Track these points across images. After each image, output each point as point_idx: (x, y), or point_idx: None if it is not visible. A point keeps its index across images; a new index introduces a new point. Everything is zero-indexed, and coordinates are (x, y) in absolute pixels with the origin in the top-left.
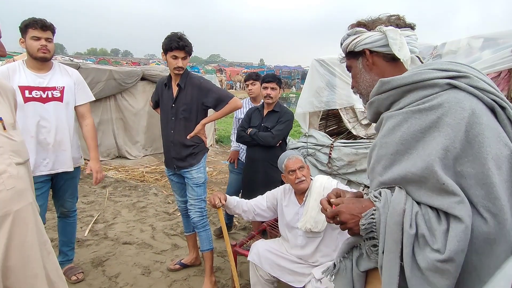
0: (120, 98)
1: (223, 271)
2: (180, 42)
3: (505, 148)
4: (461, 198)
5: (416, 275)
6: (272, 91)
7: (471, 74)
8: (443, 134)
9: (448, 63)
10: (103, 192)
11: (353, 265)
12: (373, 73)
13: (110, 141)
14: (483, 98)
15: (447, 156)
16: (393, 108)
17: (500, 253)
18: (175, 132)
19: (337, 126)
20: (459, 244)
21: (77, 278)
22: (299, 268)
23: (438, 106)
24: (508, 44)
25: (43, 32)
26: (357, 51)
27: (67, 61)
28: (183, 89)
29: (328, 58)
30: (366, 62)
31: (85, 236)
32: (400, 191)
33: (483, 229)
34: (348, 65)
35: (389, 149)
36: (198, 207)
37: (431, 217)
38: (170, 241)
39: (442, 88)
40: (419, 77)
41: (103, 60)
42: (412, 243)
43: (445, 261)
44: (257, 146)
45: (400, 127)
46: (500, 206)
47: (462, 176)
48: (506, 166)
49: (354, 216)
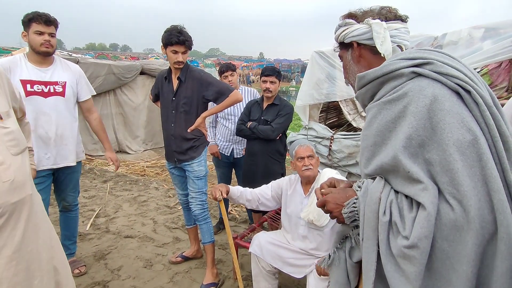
0: (119, 93)
1: (224, 263)
2: (181, 36)
3: (468, 133)
4: (425, 185)
5: (391, 261)
6: (272, 84)
7: (434, 60)
8: (407, 123)
9: (415, 51)
10: (104, 187)
11: (346, 256)
12: (361, 65)
13: (110, 136)
14: (447, 83)
15: (412, 144)
16: (374, 100)
17: (468, 240)
18: (176, 125)
19: (337, 118)
20: (422, 230)
21: (79, 271)
22: (301, 259)
23: (404, 95)
24: (509, 34)
25: (47, 27)
26: (346, 42)
27: (65, 56)
28: (184, 83)
29: (328, 50)
30: (354, 54)
31: (87, 230)
32: (379, 180)
33: (450, 216)
34: (340, 55)
35: (369, 141)
36: (199, 200)
37: (404, 205)
38: (171, 234)
39: (408, 77)
40: (387, 68)
41: (102, 55)
42: (386, 230)
43: (410, 247)
44: (257, 140)
45: (376, 118)
46: (463, 192)
47: (430, 163)
48: (470, 151)
49: (338, 206)
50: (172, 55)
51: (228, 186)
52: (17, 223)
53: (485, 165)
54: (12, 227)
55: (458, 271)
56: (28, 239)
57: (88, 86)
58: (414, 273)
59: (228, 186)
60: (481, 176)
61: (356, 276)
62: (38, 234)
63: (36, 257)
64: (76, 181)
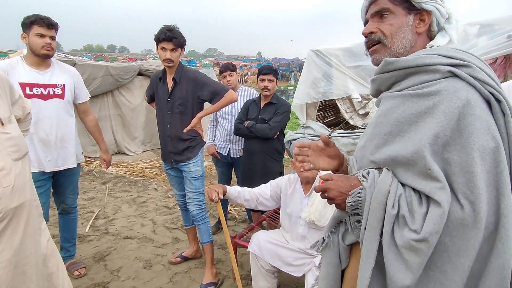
0: (117, 94)
1: (224, 262)
2: (168, 33)
3: (492, 140)
4: (443, 184)
5: (393, 251)
6: (270, 83)
7: (473, 64)
8: (436, 121)
9: (454, 50)
10: (103, 188)
11: (339, 239)
12: (418, 37)
13: (109, 138)
14: (481, 90)
15: (437, 143)
16: (393, 89)
17: (471, 237)
18: (171, 126)
19: (335, 117)
20: (435, 226)
21: (79, 273)
22: (300, 258)
23: (436, 92)
24: (504, 30)
25: (49, 30)
26: (420, 7)
27: (62, 58)
28: (178, 83)
29: (325, 49)
30: (420, 24)
31: (86, 232)
32: (387, 173)
33: (459, 214)
34: (389, 9)
35: (383, 129)
36: (197, 200)
37: (413, 200)
38: (170, 234)
39: (443, 75)
40: (423, 61)
41: (100, 57)
42: (392, 222)
43: (420, 240)
44: (254, 139)
45: (397, 109)
46: (477, 194)
47: (448, 163)
48: (490, 158)
49: (342, 194)
50: (161, 53)
51: (225, 186)
52: (16, 227)
53: (501, 172)
54: (12, 231)
55: (455, 263)
56: (27, 244)
57: (84, 89)
58: (417, 263)
59: (226, 186)
60: (494, 182)
61: (347, 257)
62: (35, 238)
63: (34, 262)
64: (75, 183)
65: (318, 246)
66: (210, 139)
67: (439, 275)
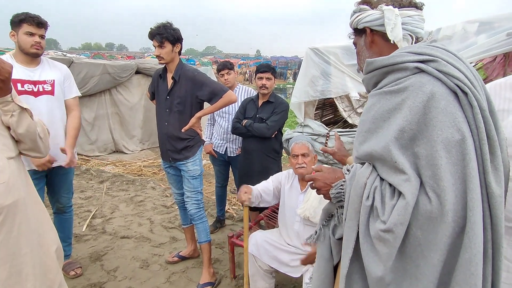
0: (115, 93)
1: (221, 262)
2: (151, 30)
3: (457, 133)
4: (408, 177)
5: (368, 241)
6: (267, 81)
7: (439, 58)
8: (402, 116)
9: (423, 46)
10: (101, 187)
11: (330, 233)
12: (372, 51)
13: (107, 136)
14: (447, 82)
15: (403, 137)
16: (376, 87)
17: (439, 231)
18: (170, 124)
19: (333, 115)
20: (399, 217)
21: (75, 273)
22: (297, 259)
23: (404, 89)
24: (503, 28)
25: (38, 29)
26: (360, 28)
27: (60, 56)
28: (178, 82)
29: (323, 47)
30: (367, 40)
31: (83, 231)
32: (367, 166)
33: (427, 207)
34: (354, 41)
35: (364, 126)
36: (195, 199)
37: (386, 192)
38: (168, 234)
39: (411, 72)
40: (394, 60)
41: (98, 55)
42: (367, 213)
43: (386, 231)
44: (252, 137)
45: (374, 106)
46: (442, 187)
47: (417, 156)
48: (456, 150)
49: (327, 185)
50: (155, 50)
51: (250, 186)
52: (12, 226)
53: (467, 165)
54: (7, 229)
55: (427, 257)
56: (22, 242)
57: (74, 86)
58: (386, 254)
59: (250, 186)
60: (461, 175)
61: (339, 252)
62: (31, 237)
63: (30, 261)
64: (69, 182)
65: (311, 238)
66: (208, 137)
67: (414, 270)
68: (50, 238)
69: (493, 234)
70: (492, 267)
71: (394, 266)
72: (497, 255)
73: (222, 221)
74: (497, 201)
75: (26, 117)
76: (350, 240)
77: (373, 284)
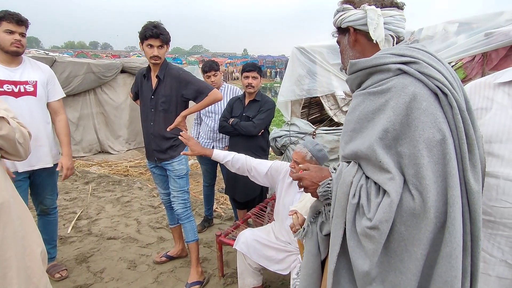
0: (100, 92)
1: (209, 261)
2: (155, 30)
3: (438, 133)
4: (392, 175)
5: (354, 238)
6: (254, 80)
7: (421, 60)
8: (386, 116)
9: (405, 48)
10: (86, 188)
11: (317, 229)
12: (355, 50)
13: (92, 136)
14: (428, 84)
15: (387, 137)
16: (360, 88)
17: (422, 226)
18: (155, 124)
19: (319, 114)
20: (384, 215)
21: (60, 276)
22: (286, 257)
23: (387, 90)
24: (482, 28)
25: (18, 27)
26: (344, 27)
27: (42, 54)
28: (162, 81)
29: (309, 46)
30: (350, 39)
31: (68, 233)
32: (353, 165)
33: (410, 205)
34: (337, 40)
35: (349, 126)
36: (181, 198)
37: (372, 190)
38: (155, 234)
39: (394, 73)
40: (377, 61)
41: (82, 54)
42: (353, 211)
43: (371, 228)
44: (239, 136)
45: (359, 107)
46: (425, 185)
47: (400, 155)
48: (437, 149)
49: (314, 184)
50: (148, 50)
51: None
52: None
53: (448, 163)
54: None
55: (410, 252)
56: (7, 246)
57: (58, 87)
58: (372, 250)
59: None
60: (442, 173)
61: (326, 248)
62: (16, 240)
63: (14, 264)
64: (53, 184)
65: (300, 234)
66: (195, 137)
67: (398, 264)
68: (34, 241)
69: (471, 227)
70: (471, 258)
71: (379, 260)
72: (475, 248)
73: (210, 220)
74: (475, 197)
75: (3, 125)
76: (337, 236)
77: (359, 278)
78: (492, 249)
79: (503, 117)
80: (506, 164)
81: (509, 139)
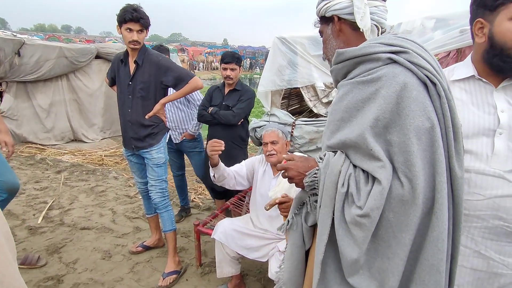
0: (73, 78)
1: (187, 251)
2: (135, 13)
3: (427, 121)
4: (383, 163)
5: (343, 227)
6: (232, 71)
7: (410, 50)
8: (377, 105)
9: (394, 38)
10: (58, 177)
11: (302, 221)
12: (340, 40)
13: (64, 124)
14: (417, 73)
15: (378, 125)
16: (347, 78)
17: (410, 212)
18: (133, 111)
19: (299, 105)
20: (375, 202)
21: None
22: (265, 244)
23: (378, 79)
24: (457, 25)
25: None
26: (328, 16)
27: (9, 36)
28: (141, 66)
29: (290, 36)
30: (334, 28)
31: (38, 224)
32: (340, 154)
33: (399, 191)
34: (320, 30)
35: (337, 115)
36: (159, 187)
37: (361, 179)
38: (131, 224)
39: (384, 62)
40: (366, 50)
41: (53, 37)
42: (342, 200)
43: (362, 216)
44: (218, 125)
45: (347, 96)
46: (414, 172)
47: (390, 143)
48: (426, 137)
49: (300, 174)
50: (127, 34)
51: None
52: None
53: (436, 151)
54: None
55: (398, 238)
56: None
57: None
58: (362, 237)
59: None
60: (430, 159)
61: (310, 238)
62: None
63: None
64: None
65: (283, 227)
66: None
67: (386, 250)
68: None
69: (454, 212)
70: (452, 241)
71: (367, 248)
72: (457, 231)
73: (187, 209)
74: (459, 183)
75: None
76: (325, 226)
77: (347, 266)
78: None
79: (466, 112)
80: (475, 158)
81: (475, 133)
